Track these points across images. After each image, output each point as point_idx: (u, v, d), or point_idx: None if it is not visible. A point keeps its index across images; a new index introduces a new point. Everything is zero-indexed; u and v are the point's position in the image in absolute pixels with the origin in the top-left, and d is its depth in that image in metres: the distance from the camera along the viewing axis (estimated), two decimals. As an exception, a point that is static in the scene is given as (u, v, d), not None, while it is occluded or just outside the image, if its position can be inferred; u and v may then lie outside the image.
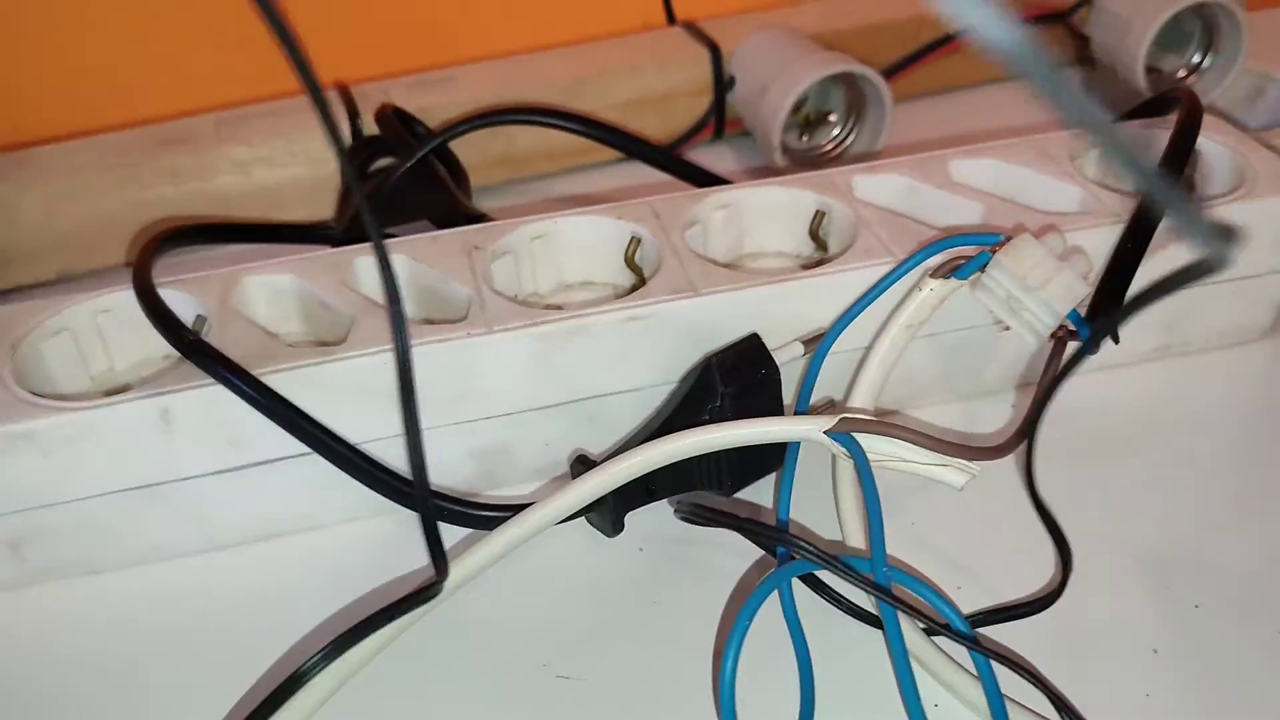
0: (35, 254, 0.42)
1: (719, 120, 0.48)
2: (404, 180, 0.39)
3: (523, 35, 0.50)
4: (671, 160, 0.42)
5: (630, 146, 0.42)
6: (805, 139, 0.47)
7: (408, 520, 0.31)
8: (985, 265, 0.29)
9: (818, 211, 0.35)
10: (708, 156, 0.47)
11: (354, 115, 0.43)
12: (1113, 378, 0.34)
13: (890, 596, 0.24)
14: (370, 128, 0.43)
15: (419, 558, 0.30)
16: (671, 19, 0.52)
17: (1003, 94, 0.51)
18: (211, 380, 0.28)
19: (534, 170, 0.47)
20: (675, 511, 0.29)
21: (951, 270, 0.30)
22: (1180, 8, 0.47)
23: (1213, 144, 0.35)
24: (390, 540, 0.31)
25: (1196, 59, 0.50)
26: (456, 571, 0.27)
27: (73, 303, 0.32)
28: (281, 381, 0.29)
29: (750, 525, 0.27)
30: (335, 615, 0.29)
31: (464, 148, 0.43)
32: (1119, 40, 0.50)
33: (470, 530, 0.30)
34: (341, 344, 0.30)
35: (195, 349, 0.28)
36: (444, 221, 0.38)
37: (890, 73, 0.48)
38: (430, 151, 0.39)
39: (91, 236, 0.42)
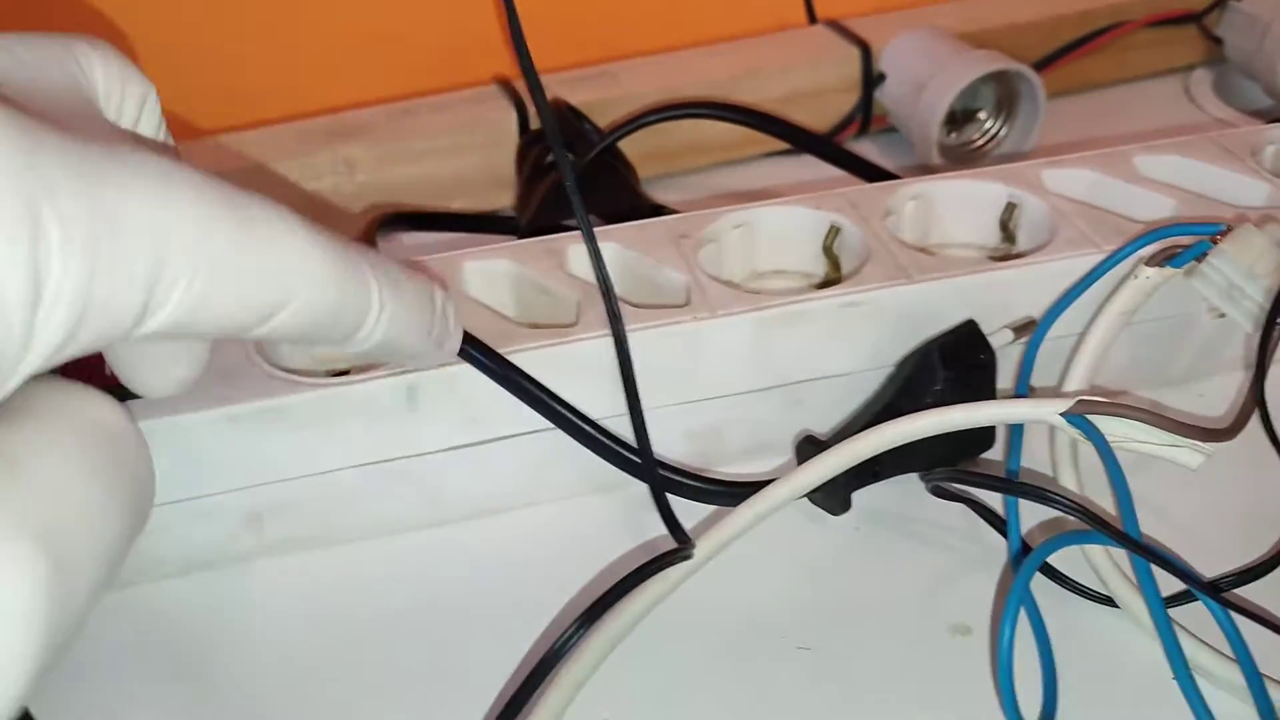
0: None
1: (866, 116, 0.49)
2: (584, 173, 0.40)
3: (669, 33, 0.51)
4: (839, 152, 0.43)
5: (799, 139, 0.43)
6: (954, 136, 0.48)
7: (623, 499, 0.32)
8: (1204, 254, 0.30)
9: (1009, 203, 0.35)
10: (853, 150, 0.48)
11: (521, 109, 0.45)
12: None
13: (1154, 555, 0.24)
14: (536, 122, 0.45)
15: (639, 533, 0.31)
16: (813, 18, 0.52)
17: (1138, 92, 0.52)
18: (455, 360, 0.30)
19: (686, 165, 0.48)
20: (928, 485, 0.30)
21: (1167, 259, 0.30)
22: (1324, 8, 0.48)
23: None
24: (610, 517, 0.32)
25: (1336, 59, 0.51)
26: (704, 544, 0.28)
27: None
28: (520, 361, 0.30)
29: (1030, 491, 0.28)
30: (573, 584, 0.30)
31: (623, 143, 0.44)
32: (1256, 43, 0.50)
33: (691, 510, 0.31)
34: (568, 326, 0.31)
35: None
36: (624, 214, 0.39)
37: (1038, 68, 0.49)
38: (609, 145, 0.41)
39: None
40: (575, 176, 0.39)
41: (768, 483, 0.29)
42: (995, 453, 0.32)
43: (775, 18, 0.53)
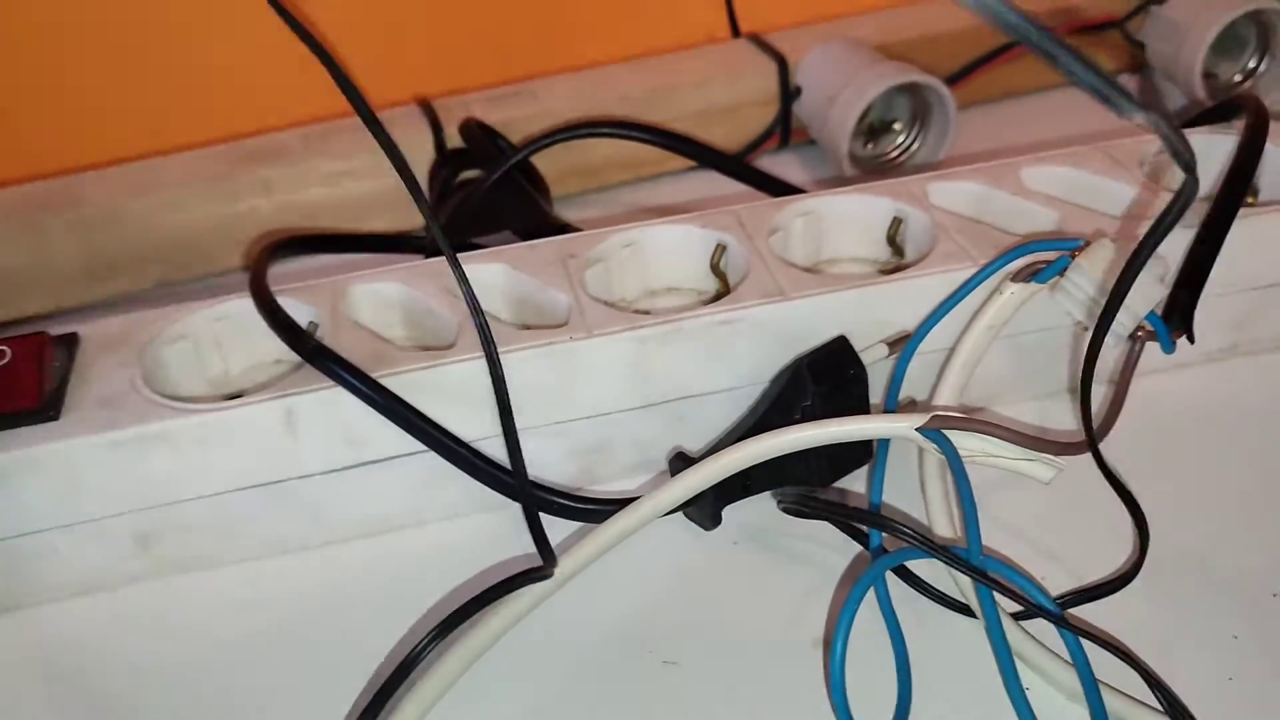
0: (137, 263, 0.44)
1: (785, 129, 0.49)
2: (491, 192, 0.41)
3: (595, 49, 0.51)
4: (744, 169, 0.44)
5: (705, 156, 0.44)
6: (870, 146, 0.48)
7: (510, 517, 0.33)
8: (1065, 270, 0.30)
9: (895, 218, 0.36)
10: (774, 164, 0.49)
11: (438, 129, 0.45)
12: (1184, 375, 0.35)
13: (988, 579, 0.25)
14: (454, 140, 0.45)
15: (521, 551, 0.32)
16: (736, 32, 0.53)
17: (1059, 100, 0.52)
18: (331, 383, 0.30)
19: (607, 180, 0.49)
20: (779, 504, 0.30)
21: (1032, 274, 0.31)
22: (1238, 14, 0.48)
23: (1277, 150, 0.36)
24: (494, 535, 0.33)
25: (1252, 64, 0.51)
26: (567, 561, 0.29)
27: (191, 310, 0.34)
28: (395, 384, 0.30)
29: (856, 514, 0.29)
30: (445, 601, 0.30)
31: (540, 159, 0.44)
32: (1175, 47, 0.51)
33: (573, 527, 0.32)
34: (449, 348, 0.31)
35: (318, 353, 0.30)
36: (531, 232, 0.40)
37: (952, 80, 0.49)
38: (517, 163, 0.41)
39: (189, 246, 0.44)
40: (480, 196, 0.40)
41: (632, 500, 0.29)
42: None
43: (703, 32, 0.54)
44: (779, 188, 0.43)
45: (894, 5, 0.53)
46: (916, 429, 0.28)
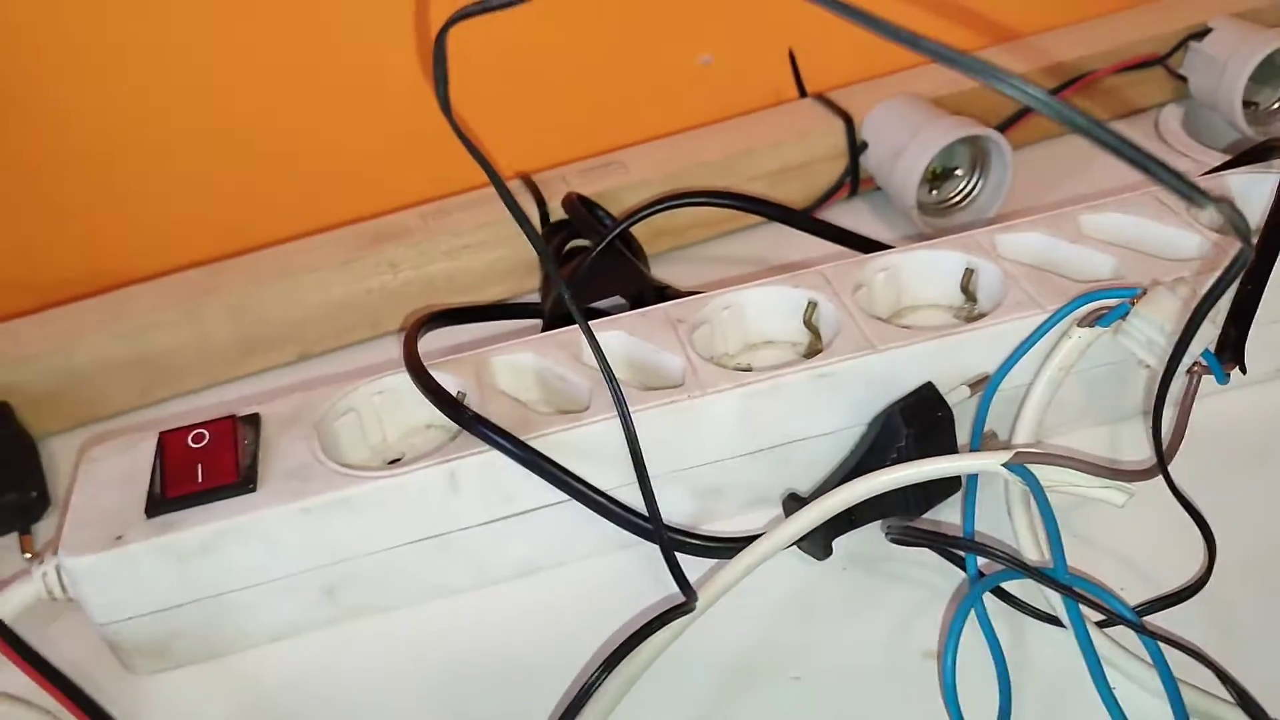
0: (278, 341, 0.50)
1: (854, 181, 0.54)
2: (597, 261, 0.46)
3: (675, 118, 0.56)
4: (815, 223, 0.48)
5: (782, 215, 0.48)
6: (934, 193, 0.52)
7: (639, 555, 0.37)
8: (1125, 315, 0.34)
9: (967, 269, 0.40)
10: (845, 212, 0.53)
11: (541, 202, 0.50)
12: (1240, 396, 0.39)
13: (1073, 593, 0.29)
14: (555, 212, 0.50)
15: (653, 582, 0.36)
16: (803, 92, 0.57)
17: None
18: (487, 447, 0.35)
19: (688, 239, 0.53)
20: (887, 535, 0.35)
21: (1096, 319, 0.35)
22: (1275, 47, 0.52)
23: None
24: (627, 572, 0.37)
25: (1293, 92, 0.55)
26: (705, 593, 0.33)
27: (355, 387, 0.39)
28: (541, 445, 0.35)
29: (956, 541, 0.33)
30: (590, 633, 0.35)
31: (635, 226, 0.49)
32: (1216, 79, 0.54)
33: (696, 561, 0.36)
34: (584, 411, 0.36)
35: (475, 421, 0.35)
36: (633, 294, 0.45)
37: (1004, 126, 0.53)
38: (618, 235, 0.46)
39: (325, 322, 0.50)
40: (588, 266, 0.44)
41: (756, 537, 0.34)
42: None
43: (772, 93, 0.58)
44: (846, 237, 0.47)
45: (947, 57, 0.57)
46: (1003, 464, 0.32)
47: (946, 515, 0.37)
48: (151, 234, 0.52)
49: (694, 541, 0.35)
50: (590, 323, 0.40)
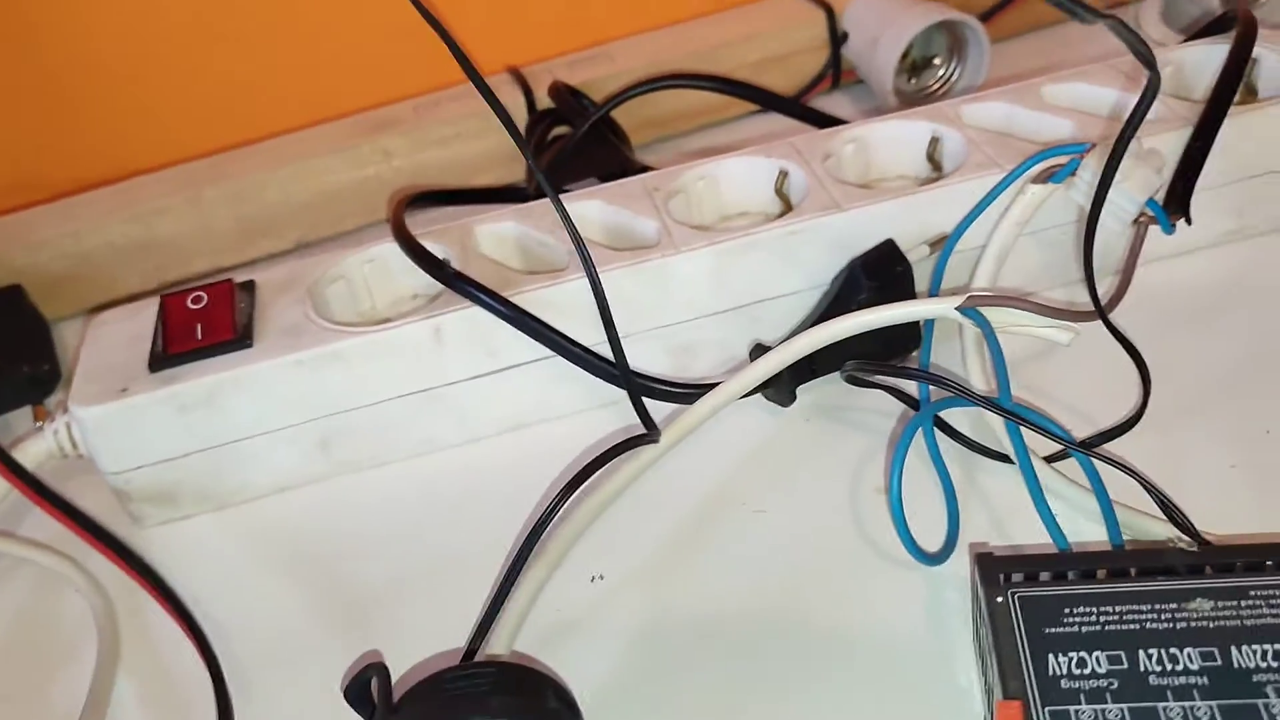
0: (277, 227, 0.52)
1: (835, 72, 0.55)
2: (581, 143, 0.47)
3: (659, 12, 0.57)
4: (802, 109, 0.50)
5: (767, 100, 0.50)
6: (913, 81, 0.54)
7: (622, 412, 0.39)
8: (1076, 170, 0.36)
9: (933, 138, 0.42)
10: (827, 103, 0.55)
11: (528, 92, 0.52)
12: (1192, 260, 0.41)
13: (1017, 416, 0.31)
14: (543, 102, 0.52)
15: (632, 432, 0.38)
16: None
17: (1084, 29, 0.57)
18: (470, 303, 0.37)
19: (675, 129, 0.55)
20: (843, 375, 0.36)
21: (1049, 176, 0.36)
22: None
23: (1270, 53, 0.41)
24: (608, 427, 0.39)
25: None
26: (670, 431, 0.35)
27: (345, 255, 0.41)
28: (521, 301, 0.37)
29: (907, 371, 0.34)
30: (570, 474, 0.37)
31: (618, 113, 0.51)
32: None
33: (672, 411, 0.38)
34: (562, 272, 0.38)
35: (457, 279, 0.37)
36: (616, 176, 0.46)
37: (986, 16, 0.54)
38: (600, 118, 0.47)
39: (322, 209, 0.52)
40: (572, 147, 0.46)
41: (720, 383, 0.36)
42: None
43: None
44: (830, 122, 0.49)
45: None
46: (956, 308, 0.34)
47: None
48: (156, 128, 0.54)
49: (660, 386, 0.37)
50: (569, 193, 0.42)
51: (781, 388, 0.37)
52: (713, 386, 0.36)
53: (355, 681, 0.28)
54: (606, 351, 0.37)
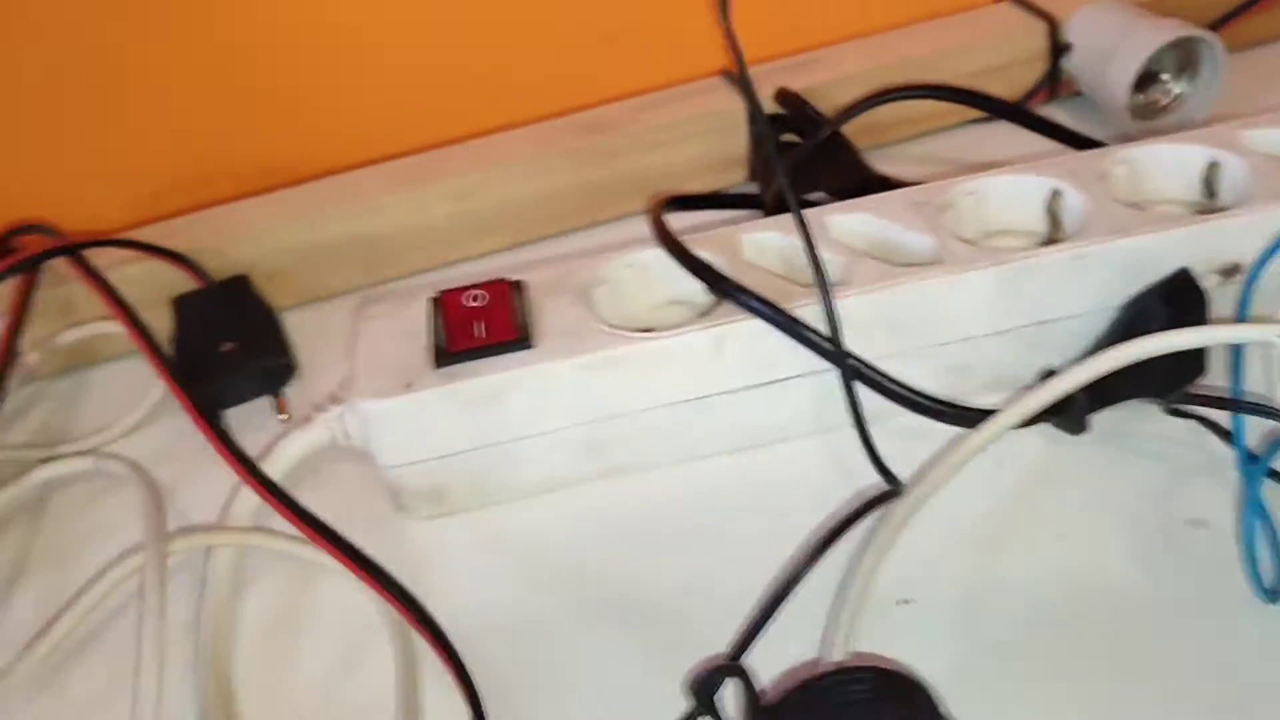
0: (494, 225, 0.51)
1: (1054, 84, 0.54)
2: (817, 152, 0.47)
3: (875, 17, 0.56)
4: (1033, 119, 0.49)
5: (1003, 110, 0.49)
6: (1139, 96, 0.53)
7: (890, 431, 0.38)
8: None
9: (1212, 163, 0.41)
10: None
11: (751, 98, 0.51)
12: None
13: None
14: (766, 108, 0.51)
15: (905, 465, 0.38)
16: (997, -3, 0.58)
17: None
18: (748, 315, 0.36)
19: (894, 136, 0.54)
20: (1165, 407, 0.36)
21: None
22: None
23: None
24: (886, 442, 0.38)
25: None
26: (959, 451, 0.35)
27: (609, 259, 0.40)
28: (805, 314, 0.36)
29: (1248, 406, 0.34)
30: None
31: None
32: None
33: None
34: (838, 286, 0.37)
35: (738, 290, 0.36)
36: (855, 187, 0.46)
37: (1216, 25, 0.53)
38: (838, 126, 0.47)
39: (540, 209, 0.51)
40: (806, 156, 0.45)
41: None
42: (1213, 379, 0.37)
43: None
44: (1064, 135, 0.48)
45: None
46: (1277, 335, 0.33)
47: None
48: (373, 120, 0.54)
49: (943, 407, 0.37)
50: (833, 205, 0.41)
51: (1074, 414, 0.36)
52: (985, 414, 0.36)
53: (706, 679, 0.28)
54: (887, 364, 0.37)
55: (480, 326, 0.37)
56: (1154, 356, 0.35)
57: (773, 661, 0.32)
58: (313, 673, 0.35)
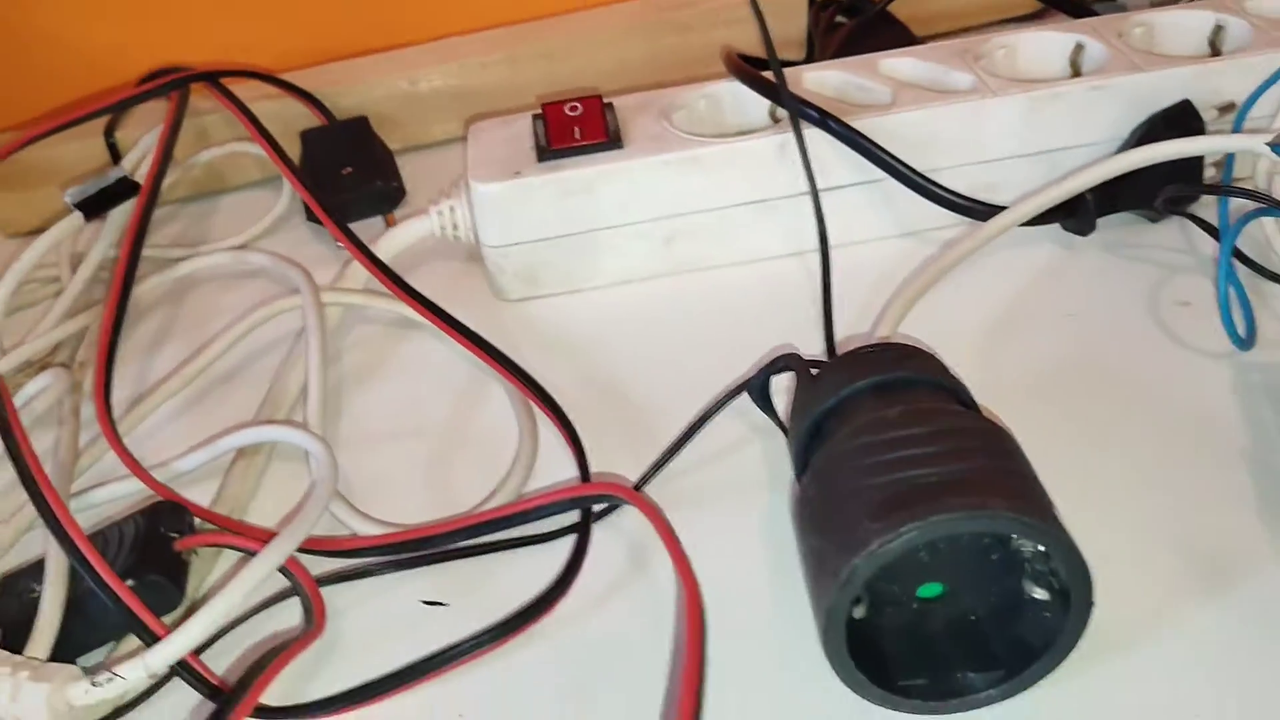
0: (579, 85, 0.58)
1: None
2: (869, 25, 0.53)
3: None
4: (1081, 9, 0.55)
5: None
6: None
7: (927, 242, 0.45)
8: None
9: (1216, 26, 0.46)
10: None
11: (811, -19, 0.58)
12: None
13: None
14: (821, -8, 0.57)
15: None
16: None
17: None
18: (811, 125, 0.43)
19: (935, 29, 0.60)
20: (1159, 202, 0.41)
21: (1342, 48, 0.41)
22: None
23: None
24: (915, 250, 0.45)
25: None
26: (990, 227, 0.41)
27: (688, 90, 0.47)
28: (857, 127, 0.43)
29: (1231, 190, 0.40)
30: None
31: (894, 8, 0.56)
32: None
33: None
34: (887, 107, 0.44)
35: (799, 101, 0.43)
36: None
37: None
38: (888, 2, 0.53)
39: (621, 75, 0.57)
40: (857, 28, 0.51)
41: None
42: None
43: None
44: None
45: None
46: (1267, 143, 0.39)
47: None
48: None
49: (970, 203, 0.43)
50: (880, 53, 0.47)
51: (1082, 214, 0.42)
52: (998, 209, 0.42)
53: (759, 377, 0.34)
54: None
55: (578, 130, 0.44)
56: (1155, 166, 0.41)
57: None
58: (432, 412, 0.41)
